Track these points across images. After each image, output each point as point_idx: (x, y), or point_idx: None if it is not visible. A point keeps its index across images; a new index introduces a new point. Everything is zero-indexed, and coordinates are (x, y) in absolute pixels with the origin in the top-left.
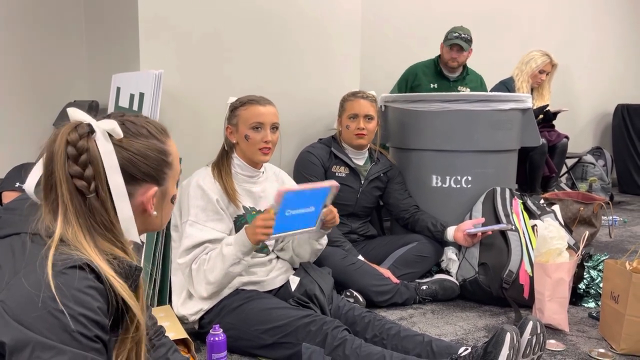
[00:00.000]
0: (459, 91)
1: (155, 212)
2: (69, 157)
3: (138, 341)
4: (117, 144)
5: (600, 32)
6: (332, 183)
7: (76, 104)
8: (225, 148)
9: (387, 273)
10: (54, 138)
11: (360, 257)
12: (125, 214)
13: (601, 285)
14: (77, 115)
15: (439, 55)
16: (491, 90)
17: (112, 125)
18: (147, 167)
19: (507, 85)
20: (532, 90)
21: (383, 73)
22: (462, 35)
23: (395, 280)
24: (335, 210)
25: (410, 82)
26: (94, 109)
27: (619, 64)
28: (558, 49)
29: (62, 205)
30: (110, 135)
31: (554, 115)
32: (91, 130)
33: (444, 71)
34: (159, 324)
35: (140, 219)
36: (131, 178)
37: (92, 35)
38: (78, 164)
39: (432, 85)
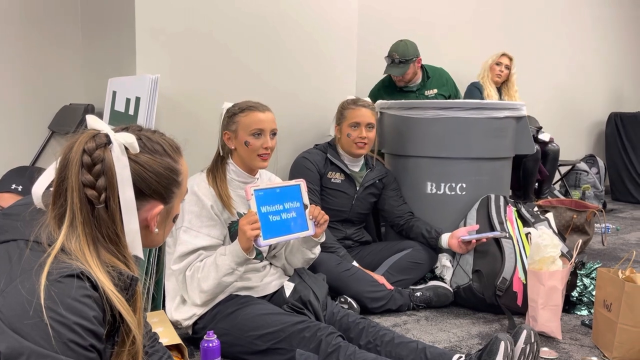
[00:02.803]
0: (426, 96)
1: (157, 230)
2: (83, 165)
3: (134, 354)
4: (132, 158)
5: (594, 42)
6: (299, 180)
7: (72, 107)
8: (221, 154)
9: (381, 279)
10: (71, 145)
11: (355, 263)
12: (132, 228)
13: (594, 293)
14: (96, 124)
15: None
16: (465, 92)
17: (131, 140)
18: (158, 184)
19: (477, 86)
20: (500, 90)
21: (379, 78)
22: (396, 59)
23: (389, 286)
24: (318, 207)
25: None
26: (89, 112)
27: (612, 73)
28: (553, 59)
29: (70, 212)
30: (126, 149)
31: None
32: (109, 141)
33: (404, 86)
34: (152, 329)
35: (141, 234)
36: (140, 193)
37: (89, 38)
38: (91, 173)
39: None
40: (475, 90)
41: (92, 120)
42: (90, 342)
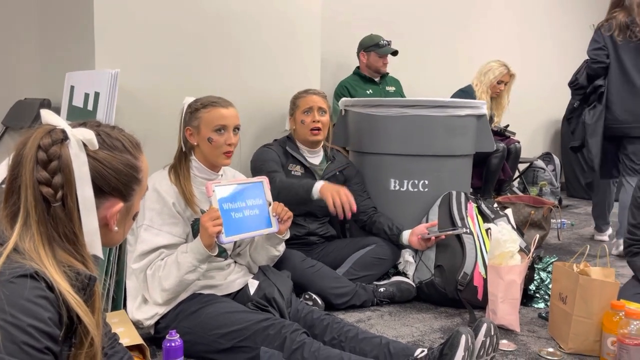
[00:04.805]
0: (387, 91)
1: (117, 228)
2: (38, 162)
3: (93, 356)
4: (91, 155)
5: (550, 42)
6: (261, 178)
7: (27, 101)
8: (183, 150)
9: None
10: (25, 141)
11: (320, 181)
12: (91, 227)
13: (550, 286)
14: (51, 119)
15: (358, 67)
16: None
17: (89, 136)
18: (117, 182)
19: (468, 93)
20: (491, 99)
21: (342, 74)
22: (388, 41)
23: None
24: (282, 204)
25: (347, 96)
26: (45, 107)
27: (568, 73)
28: (510, 59)
29: (24, 211)
30: (84, 145)
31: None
32: (65, 137)
33: (369, 77)
34: (113, 330)
35: (100, 232)
36: (99, 191)
37: (45, 30)
38: (47, 170)
39: (367, 92)
40: (465, 98)
41: (47, 115)
42: (45, 344)
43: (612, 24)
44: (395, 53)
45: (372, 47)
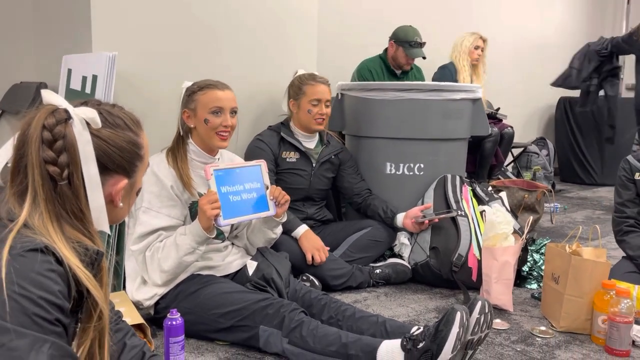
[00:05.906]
0: None
1: (121, 204)
2: (43, 142)
3: (101, 330)
4: (94, 133)
5: (545, 28)
6: (259, 161)
7: (23, 85)
8: (181, 133)
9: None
10: (29, 121)
11: (304, 226)
12: (97, 203)
13: (543, 267)
14: (52, 99)
15: (386, 51)
16: (435, 76)
17: (92, 114)
18: (121, 159)
19: (449, 69)
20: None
21: (339, 59)
22: (422, 42)
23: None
24: (279, 187)
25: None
26: None
27: (562, 59)
28: (504, 46)
29: (32, 189)
30: (87, 124)
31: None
32: (69, 117)
33: (391, 68)
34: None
35: (106, 209)
36: (104, 168)
37: (40, 12)
38: (52, 150)
39: None
40: (447, 73)
41: (48, 95)
42: (55, 315)
43: None
44: (423, 58)
45: (403, 42)
